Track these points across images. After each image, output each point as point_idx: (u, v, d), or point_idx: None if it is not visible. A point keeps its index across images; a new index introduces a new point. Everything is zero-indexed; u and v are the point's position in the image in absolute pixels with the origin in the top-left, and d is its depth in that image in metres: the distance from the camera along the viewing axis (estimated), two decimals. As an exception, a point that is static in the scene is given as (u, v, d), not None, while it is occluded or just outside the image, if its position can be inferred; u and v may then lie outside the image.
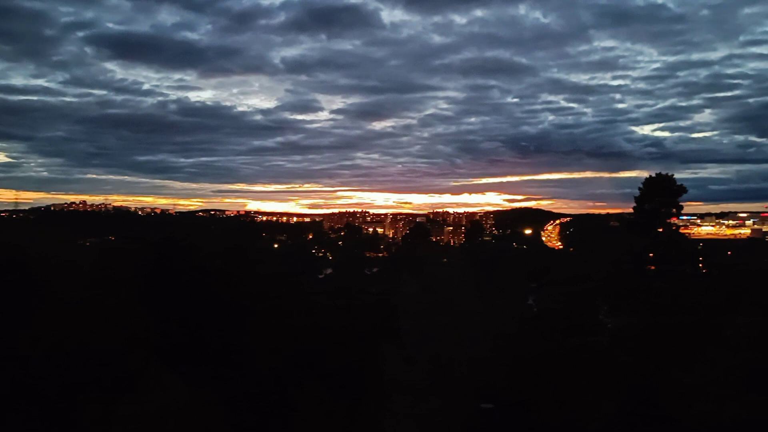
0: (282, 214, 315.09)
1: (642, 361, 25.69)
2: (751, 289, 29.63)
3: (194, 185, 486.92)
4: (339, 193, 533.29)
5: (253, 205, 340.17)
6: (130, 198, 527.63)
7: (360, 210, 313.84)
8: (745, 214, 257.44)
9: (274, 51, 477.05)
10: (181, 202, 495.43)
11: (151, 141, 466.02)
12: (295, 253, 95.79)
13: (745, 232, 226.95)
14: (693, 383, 21.60)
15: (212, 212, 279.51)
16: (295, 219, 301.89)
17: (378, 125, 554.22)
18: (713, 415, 20.06)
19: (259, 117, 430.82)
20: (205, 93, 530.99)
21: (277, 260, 70.39)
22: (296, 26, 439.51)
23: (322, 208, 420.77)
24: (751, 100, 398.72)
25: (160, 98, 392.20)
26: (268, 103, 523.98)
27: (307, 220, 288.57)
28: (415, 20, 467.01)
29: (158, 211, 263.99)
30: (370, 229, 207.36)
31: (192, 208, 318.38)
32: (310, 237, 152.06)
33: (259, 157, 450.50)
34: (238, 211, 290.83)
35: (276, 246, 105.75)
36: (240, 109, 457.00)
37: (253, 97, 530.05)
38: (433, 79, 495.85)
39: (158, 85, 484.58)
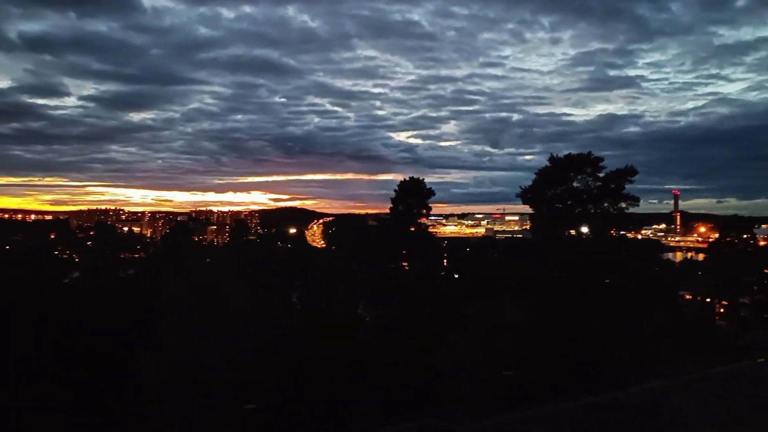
0: (16, 211, 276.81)
1: (395, 349, 27.89)
2: (482, 280, 33.94)
3: None
4: (89, 189, 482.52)
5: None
6: None
7: (114, 207, 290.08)
8: (481, 215, 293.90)
9: (10, 24, 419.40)
10: None
11: None
12: (34, 255, 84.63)
13: (481, 231, 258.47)
14: (435, 366, 24.05)
15: None
16: (33, 217, 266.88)
17: (136, 116, 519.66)
18: (453, 393, 22.57)
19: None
20: None
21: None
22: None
23: (68, 205, 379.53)
24: (487, 115, 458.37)
25: None
26: (1, 83, 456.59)
27: (50, 218, 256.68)
28: (180, 8, 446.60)
29: None
30: (126, 228, 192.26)
31: None
32: (53, 237, 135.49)
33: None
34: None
35: (7, 247, 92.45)
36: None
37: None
38: (199, 72, 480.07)
39: None
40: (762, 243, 65.87)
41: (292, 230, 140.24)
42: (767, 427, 11.64)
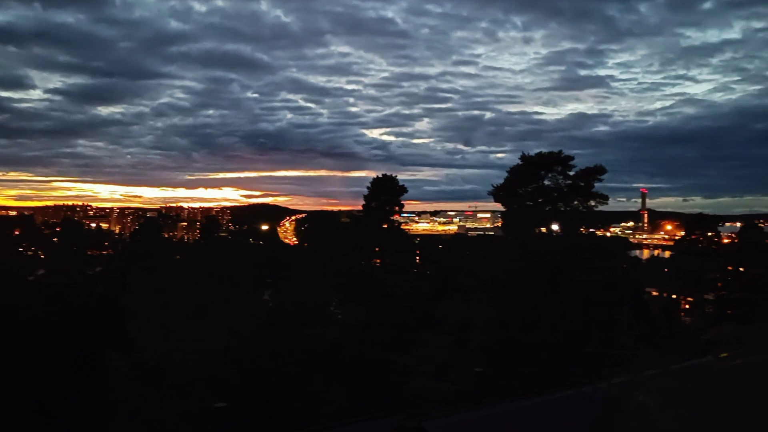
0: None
1: (366, 346, 27.91)
2: (454, 277, 34.11)
3: None
4: (55, 184, 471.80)
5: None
6: None
7: (81, 203, 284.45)
8: (453, 213, 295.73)
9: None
10: None
11: None
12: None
13: (453, 228, 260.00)
14: (406, 363, 24.15)
15: None
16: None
17: (105, 111, 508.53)
18: (424, 390, 22.67)
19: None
20: None
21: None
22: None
23: (33, 201, 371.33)
24: (459, 113, 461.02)
25: None
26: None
27: (14, 213, 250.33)
28: (150, 1, 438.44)
29: None
30: (93, 225, 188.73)
31: None
32: (17, 233, 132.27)
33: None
34: None
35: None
36: None
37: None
38: (170, 66, 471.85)
39: None
40: (726, 241, 67.44)
41: (264, 227, 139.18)
42: (727, 418, 11.99)
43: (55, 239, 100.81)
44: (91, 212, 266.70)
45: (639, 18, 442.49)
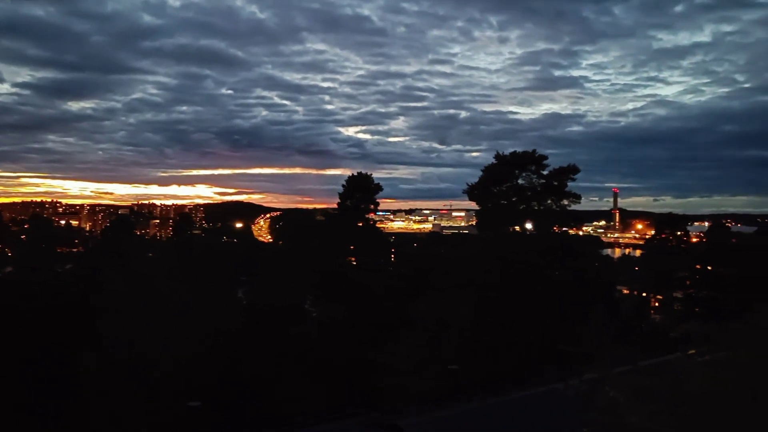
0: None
1: (341, 345, 27.88)
2: (428, 275, 34.26)
3: None
4: (23, 180, 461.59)
5: None
6: None
7: (50, 200, 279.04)
8: (428, 211, 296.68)
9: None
10: None
11: None
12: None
13: (428, 226, 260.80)
14: (381, 361, 24.21)
15: None
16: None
17: (75, 106, 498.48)
18: (399, 388, 22.75)
19: None
20: None
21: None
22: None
23: (0, 197, 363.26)
24: (435, 112, 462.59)
25: None
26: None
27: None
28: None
29: None
30: (63, 222, 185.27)
31: None
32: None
33: None
34: None
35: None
36: None
37: None
38: (143, 61, 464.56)
39: None
40: (694, 240, 68.88)
41: (238, 225, 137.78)
42: (694, 413, 12.31)
43: (23, 236, 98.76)
44: (61, 209, 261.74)
45: (613, 20, 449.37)
